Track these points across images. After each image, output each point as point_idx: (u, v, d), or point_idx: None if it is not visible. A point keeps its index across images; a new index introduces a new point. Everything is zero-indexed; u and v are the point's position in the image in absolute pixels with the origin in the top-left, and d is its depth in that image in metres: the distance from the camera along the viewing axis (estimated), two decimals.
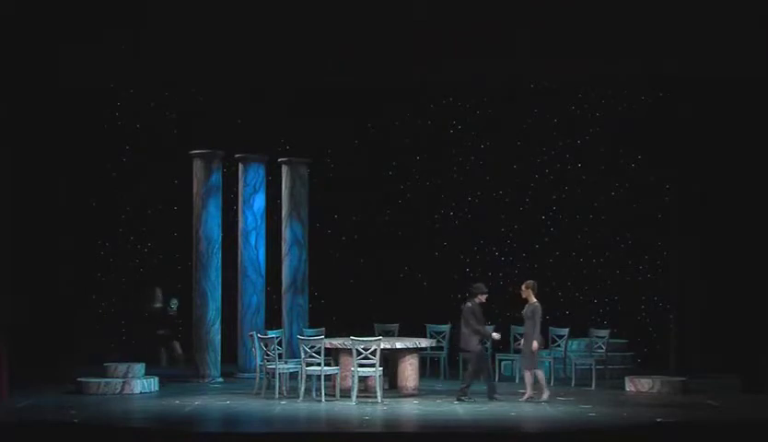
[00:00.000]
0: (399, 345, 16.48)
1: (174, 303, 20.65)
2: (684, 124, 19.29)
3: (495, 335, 16.38)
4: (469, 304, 15.95)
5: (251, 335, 17.01)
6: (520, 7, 15.55)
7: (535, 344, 15.78)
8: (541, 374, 15.92)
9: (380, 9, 15.52)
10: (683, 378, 17.05)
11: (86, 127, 20.56)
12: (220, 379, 17.98)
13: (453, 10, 15.52)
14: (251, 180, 18.95)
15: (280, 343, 16.81)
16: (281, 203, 19.39)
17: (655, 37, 15.48)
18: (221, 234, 18.50)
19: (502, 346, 18.34)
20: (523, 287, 16.05)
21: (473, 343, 15.87)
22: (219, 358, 18.23)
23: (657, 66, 15.91)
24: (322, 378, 15.81)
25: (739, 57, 15.54)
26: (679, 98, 19.04)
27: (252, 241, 18.86)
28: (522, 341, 16.18)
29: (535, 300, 15.89)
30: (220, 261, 18.43)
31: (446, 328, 18.97)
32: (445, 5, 15.59)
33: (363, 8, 15.51)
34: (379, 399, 15.61)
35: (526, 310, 15.91)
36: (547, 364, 17.78)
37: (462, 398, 15.79)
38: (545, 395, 15.78)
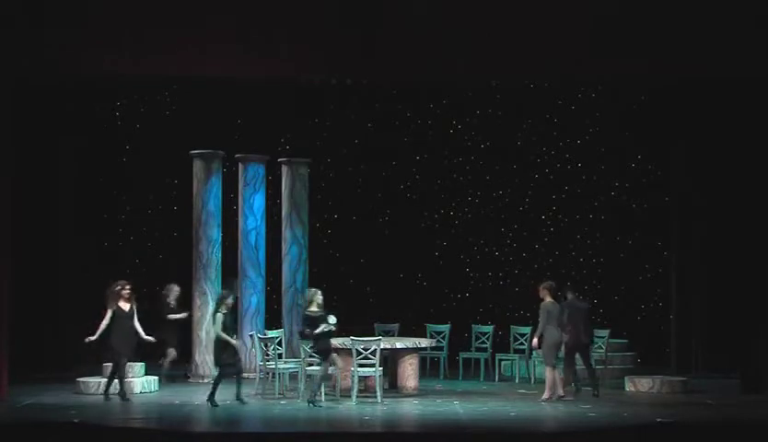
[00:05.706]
0: (399, 345, 16.48)
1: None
2: (684, 124, 19.29)
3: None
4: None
5: (251, 335, 17.00)
6: (521, 7, 15.53)
7: (535, 341, 15.88)
8: (551, 373, 15.86)
9: (380, 9, 15.50)
10: (683, 378, 17.06)
11: (85, 127, 20.55)
12: None
13: (453, 10, 15.50)
14: (251, 180, 18.93)
15: (280, 343, 16.82)
16: (281, 203, 19.38)
17: (655, 37, 15.46)
18: (221, 234, 18.50)
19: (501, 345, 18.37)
20: (540, 288, 16.07)
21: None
22: None
23: (657, 66, 15.88)
24: None
25: (739, 57, 15.52)
26: (679, 98, 19.03)
27: (252, 241, 18.84)
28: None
29: (549, 300, 15.90)
30: (220, 261, 18.42)
31: (446, 328, 18.96)
32: (445, 4, 15.58)
33: (363, 8, 15.49)
34: (379, 399, 15.60)
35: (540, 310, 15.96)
36: None
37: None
38: (546, 395, 15.76)
